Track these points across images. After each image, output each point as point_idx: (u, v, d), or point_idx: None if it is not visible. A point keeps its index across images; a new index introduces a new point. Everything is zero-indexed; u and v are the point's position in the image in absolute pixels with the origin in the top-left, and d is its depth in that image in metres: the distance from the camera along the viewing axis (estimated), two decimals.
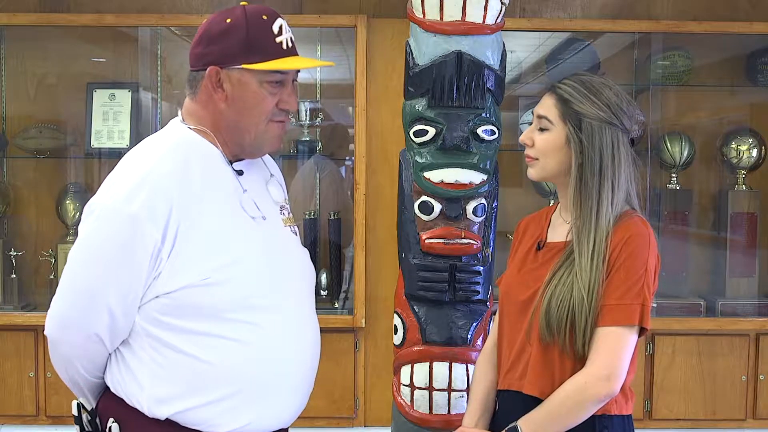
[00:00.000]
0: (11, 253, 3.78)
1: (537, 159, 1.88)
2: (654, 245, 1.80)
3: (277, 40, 1.76)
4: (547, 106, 1.86)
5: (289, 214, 1.94)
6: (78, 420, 1.80)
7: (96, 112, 3.79)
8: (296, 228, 1.96)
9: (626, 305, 1.74)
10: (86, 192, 3.88)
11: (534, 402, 1.81)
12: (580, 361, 1.77)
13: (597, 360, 1.74)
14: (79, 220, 3.75)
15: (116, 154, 3.80)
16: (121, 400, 1.73)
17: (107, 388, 1.77)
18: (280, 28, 1.77)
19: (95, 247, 1.67)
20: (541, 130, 1.87)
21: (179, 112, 1.86)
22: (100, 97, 3.80)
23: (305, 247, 1.98)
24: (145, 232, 1.63)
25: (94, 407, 1.80)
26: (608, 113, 1.81)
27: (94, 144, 3.79)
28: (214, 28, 1.76)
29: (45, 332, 1.74)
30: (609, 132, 1.80)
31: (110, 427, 1.73)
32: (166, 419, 1.69)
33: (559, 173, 1.87)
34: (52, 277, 3.82)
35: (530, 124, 1.94)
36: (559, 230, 1.91)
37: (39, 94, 3.90)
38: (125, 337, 1.71)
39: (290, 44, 1.79)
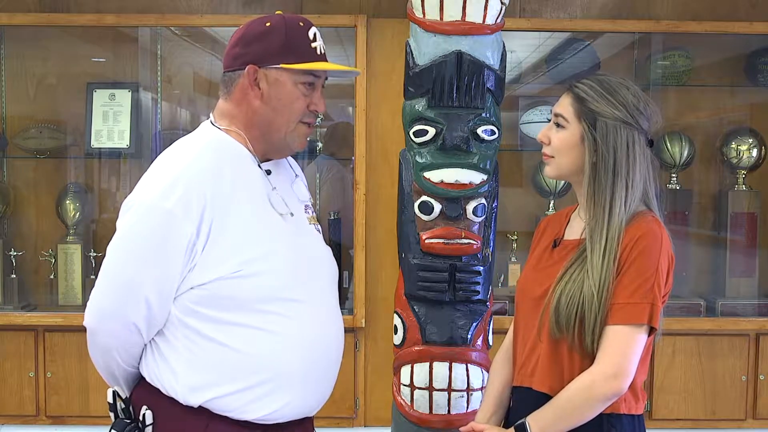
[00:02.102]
0: (11, 253, 3.78)
1: (553, 157, 1.90)
2: (667, 245, 1.80)
3: (312, 45, 1.88)
4: (564, 104, 1.88)
5: (313, 213, 2.03)
6: (113, 407, 1.86)
7: (96, 112, 3.79)
8: (319, 226, 2.03)
9: (635, 304, 1.75)
10: (86, 192, 3.88)
11: (545, 398, 1.82)
12: (588, 358, 1.78)
13: (604, 358, 1.75)
14: (78, 220, 3.82)
15: (116, 154, 3.82)
16: (155, 389, 1.79)
17: (141, 378, 1.84)
18: (315, 35, 1.89)
19: (133, 241, 1.75)
20: (558, 127, 1.89)
21: (210, 115, 1.93)
22: (100, 97, 3.80)
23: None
24: (181, 226, 1.71)
25: (128, 396, 1.87)
26: (624, 113, 1.81)
27: (94, 144, 3.79)
28: (253, 31, 1.86)
29: (84, 323, 1.80)
30: (624, 132, 1.81)
31: (144, 415, 1.79)
32: (199, 407, 1.76)
33: (574, 171, 1.88)
34: (52, 277, 3.82)
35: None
36: (575, 228, 1.92)
37: (39, 94, 3.90)
38: (160, 327, 1.78)
39: (322, 51, 1.90)
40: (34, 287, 3.89)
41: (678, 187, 3.89)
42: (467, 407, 2.38)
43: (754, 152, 3.85)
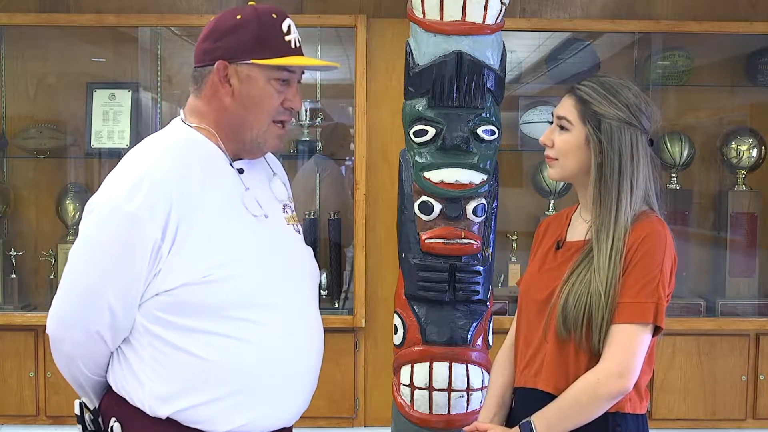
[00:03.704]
0: (11, 253, 3.78)
1: (557, 159, 1.90)
2: (671, 245, 1.81)
3: (286, 38, 1.78)
4: (567, 106, 1.88)
5: (292, 212, 1.94)
6: (80, 419, 1.80)
7: (96, 112, 3.79)
8: (299, 226, 1.96)
9: (640, 303, 1.76)
10: (86, 192, 3.87)
11: (549, 399, 1.82)
12: (595, 358, 1.79)
13: (610, 357, 1.76)
14: (79, 220, 3.77)
15: (116, 154, 3.81)
16: (123, 399, 1.72)
17: (110, 387, 1.77)
18: (289, 27, 1.79)
19: (95, 245, 1.68)
20: (561, 130, 1.89)
21: (181, 112, 1.86)
22: (100, 97, 3.80)
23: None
24: (145, 230, 1.63)
25: (96, 407, 1.81)
26: (627, 113, 1.83)
27: (94, 144, 3.79)
28: (223, 24, 1.77)
29: (47, 331, 1.74)
30: (628, 132, 1.82)
31: (112, 427, 1.73)
32: (167, 418, 1.69)
33: (578, 173, 1.89)
34: (52, 277, 3.82)
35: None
36: (578, 229, 1.92)
37: (39, 94, 3.89)
38: (126, 335, 1.71)
39: (297, 44, 1.81)
40: (34, 287, 3.89)
41: (678, 187, 3.89)
42: (467, 407, 2.38)
43: (754, 152, 3.85)
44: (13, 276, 3.78)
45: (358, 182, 3.59)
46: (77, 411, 1.80)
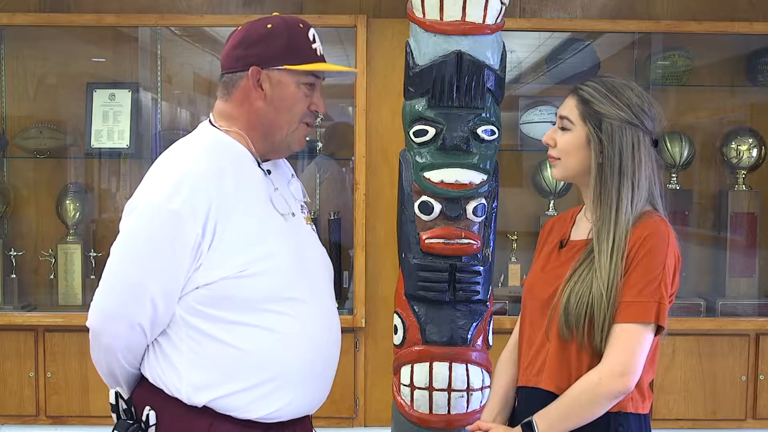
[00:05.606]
0: (11, 253, 3.78)
1: (559, 159, 1.91)
2: (674, 245, 1.82)
3: (313, 46, 1.91)
4: (569, 106, 1.89)
5: (308, 212, 2.05)
6: (115, 408, 1.87)
7: (96, 112, 3.79)
8: (314, 225, 2.06)
9: (642, 303, 1.76)
10: (86, 192, 3.88)
11: (552, 398, 1.83)
12: (597, 357, 1.79)
13: (612, 356, 1.76)
14: (79, 220, 3.82)
15: (116, 154, 3.82)
16: (157, 389, 1.81)
17: (142, 378, 1.86)
18: (314, 36, 1.92)
19: (139, 242, 1.76)
20: (563, 130, 1.90)
21: (210, 115, 1.94)
22: (100, 97, 3.80)
23: None
24: (187, 227, 1.72)
25: (129, 397, 1.88)
26: (629, 114, 1.83)
27: (94, 144, 3.79)
28: (254, 33, 1.87)
29: (87, 323, 1.81)
30: (630, 132, 1.83)
31: (147, 415, 1.80)
32: (203, 406, 1.77)
33: (580, 173, 1.89)
34: (52, 277, 3.82)
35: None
36: (582, 229, 1.93)
37: (39, 94, 3.90)
38: (164, 328, 1.79)
39: (321, 52, 1.93)
40: (34, 287, 3.89)
41: (678, 187, 3.89)
42: (467, 407, 2.38)
43: (754, 152, 3.85)
44: (13, 276, 3.78)
45: (358, 182, 3.59)
46: (112, 400, 1.86)
